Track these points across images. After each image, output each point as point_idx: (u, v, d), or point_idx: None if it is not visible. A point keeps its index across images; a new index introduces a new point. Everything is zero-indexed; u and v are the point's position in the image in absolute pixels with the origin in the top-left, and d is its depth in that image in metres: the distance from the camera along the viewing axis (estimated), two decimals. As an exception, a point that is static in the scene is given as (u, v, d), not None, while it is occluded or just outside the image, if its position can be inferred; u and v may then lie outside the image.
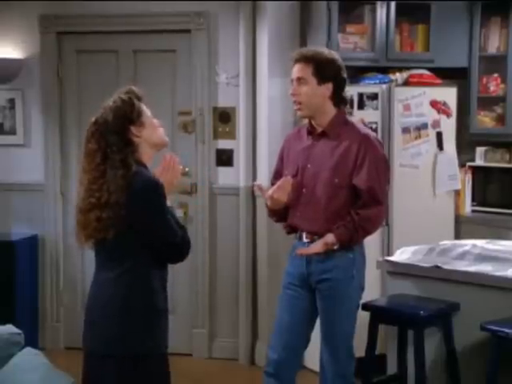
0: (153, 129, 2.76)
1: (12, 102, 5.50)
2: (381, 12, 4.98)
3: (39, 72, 5.47)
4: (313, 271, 3.45)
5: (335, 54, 3.52)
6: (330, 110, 3.48)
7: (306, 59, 3.45)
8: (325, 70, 3.43)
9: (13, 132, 5.54)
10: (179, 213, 5.26)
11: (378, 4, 4.97)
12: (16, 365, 2.79)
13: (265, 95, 5.12)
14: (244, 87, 5.21)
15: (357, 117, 4.43)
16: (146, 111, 2.77)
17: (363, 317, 3.79)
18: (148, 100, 2.83)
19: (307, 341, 3.59)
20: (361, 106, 4.82)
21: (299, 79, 3.44)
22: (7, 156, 5.55)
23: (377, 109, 4.86)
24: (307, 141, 3.54)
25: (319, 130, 3.50)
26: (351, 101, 4.78)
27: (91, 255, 2.85)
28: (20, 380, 2.69)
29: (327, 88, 3.45)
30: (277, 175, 3.64)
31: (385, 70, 5.07)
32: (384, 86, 4.91)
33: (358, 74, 5.10)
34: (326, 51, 3.54)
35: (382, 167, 3.46)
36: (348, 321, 3.46)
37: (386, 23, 4.99)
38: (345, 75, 3.50)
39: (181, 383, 4.67)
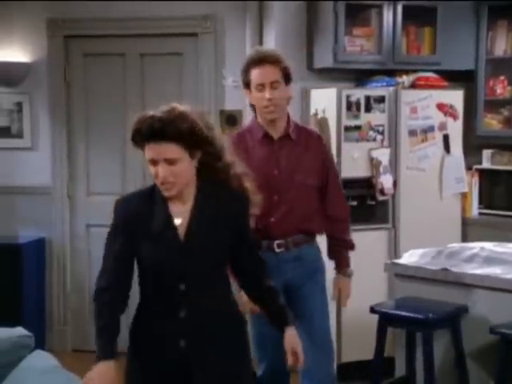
0: None
1: (19, 105, 5.51)
2: (387, 15, 4.98)
3: (46, 75, 5.47)
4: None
5: None
6: (286, 113, 3.42)
7: (274, 61, 3.30)
8: (288, 71, 3.35)
9: (20, 135, 5.55)
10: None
11: (385, 7, 4.97)
12: (26, 367, 2.79)
13: (271, 98, 5.11)
14: (251, 90, 5.21)
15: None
16: None
17: (371, 320, 3.80)
18: (155, 103, 2.82)
19: None
20: (368, 109, 4.82)
21: (273, 83, 3.28)
22: (15, 159, 5.56)
23: (383, 112, 4.86)
24: (268, 146, 3.38)
25: (278, 133, 3.38)
26: (358, 103, 4.79)
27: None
28: (31, 382, 2.69)
29: (290, 90, 3.42)
30: None
31: (391, 73, 5.06)
32: (391, 89, 4.91)
33: (364, 76, 5.11)
34: (278, 51, 3.51)
35: None
36: (322, 321, 3.45)
37: (393, 26, 4.99)
38: None
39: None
